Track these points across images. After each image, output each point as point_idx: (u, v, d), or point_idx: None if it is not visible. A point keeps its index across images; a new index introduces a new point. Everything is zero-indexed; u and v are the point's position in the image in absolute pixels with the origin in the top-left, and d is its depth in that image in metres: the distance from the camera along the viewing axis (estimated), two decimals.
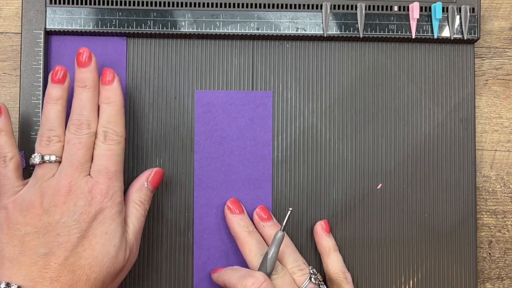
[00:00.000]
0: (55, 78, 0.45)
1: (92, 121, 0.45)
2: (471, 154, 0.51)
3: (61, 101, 0.45)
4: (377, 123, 0.51)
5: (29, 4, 0.49)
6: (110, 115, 0.45)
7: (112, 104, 0.45)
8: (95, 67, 0.46)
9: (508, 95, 0.53)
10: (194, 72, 0.51)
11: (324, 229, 0.49)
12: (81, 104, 0.45)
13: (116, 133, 0.45)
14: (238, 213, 0.48)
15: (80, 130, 0.44)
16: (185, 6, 0.50)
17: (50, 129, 0.45)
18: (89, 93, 0.45)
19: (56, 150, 0.44)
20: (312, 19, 0.50)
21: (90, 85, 0.45)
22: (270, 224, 0.48)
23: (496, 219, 0.52)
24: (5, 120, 0.45)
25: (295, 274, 0.47)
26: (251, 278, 0.43)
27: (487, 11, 0.53)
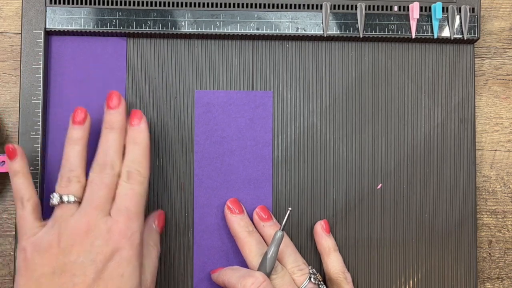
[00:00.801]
0: (76, 120, 0.46)
1: (116, 163, 0.44)
2: (471, 154, 0.51)
3: (82, 141, 0.45)
4: (377, 123, 0.51)
5: (29, 4, 0.49)
6: (135, 155, 0.45)
7: (138, 145, 0.45)
8: (124, 110, 0.46)
9: (508, 95, 0.53)
10: (194, 72, 0.51)
11: (324, 229, 0.49)
12: (107, 145, 0.45)
13: (139, 174, 0.44)
14: (238, 213, 0.48)
15: (104, 171, 0.44)
16: (185, 6, 0.50)
17: (70, 170, 0.44)
18: (116, 134, 0.45)
19: (76, 190, 0.44)
20: (312, 19, 0.50)
21: (118, 126, 0.46)
22: (270, 224, 0.48)
23: (496, 219, 0.52)
24: (22, 161, 0.45)
25: (295, 274, 0.47)
26: (251, 278, 0.43)
27: (487, 11, 0.53)
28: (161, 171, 0.50)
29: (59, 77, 0.50)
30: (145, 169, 0.45)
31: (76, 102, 0.50)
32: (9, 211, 0.50)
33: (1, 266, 0.50)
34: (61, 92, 0.50)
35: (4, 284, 0.50)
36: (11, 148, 0.45)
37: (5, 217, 0.50)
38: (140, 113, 0.47)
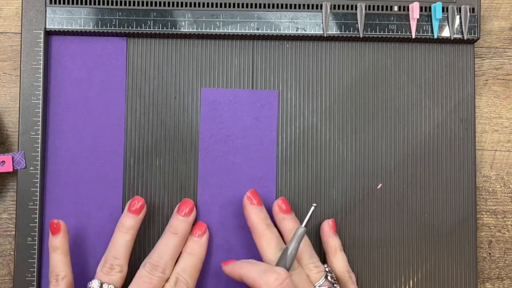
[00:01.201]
0: (131, 208, 0.47)
1: (168, 268, 0.45)
2: (471, 154, 0.51)
3: (132, 232, 0.46)
4: (377, 123, 0.51)
5: (29, 4, 0.49)
6: (187, 265, 0.46)
7: (194, 257, 0.46)
8: (192, 220, 0.48)
9: (508, 95, 0.53)
10: (194, 72, 0.51)
11: (331, 228, 0.49)
12: (165, 249, 0.46)
13: (187, 284, 0.45)
14: (257, 204, 0.48)
15: (154, 272, 0.45)
16: (185, 6, 0.50)
17: (115, 257, 0.45)
18: (177, 241, 0.46)
19: (116, 280, 0.45)
20: (312, 19, 0.50)
21: (181, 234, 0.47)
22: (290, 217, 0.48)
23: (496, 219, 0.52)
24: (63, 238, 0.46)
25: (311, 271, 0.46)
26: (274, 273, 0.42)
27: (487, 11, 0.53)
28: (161, 170, 0.50)
29: (59, 77, 0.50)
30: (193, 281, 0.46)
31: (76, 102, 0.50)
32: (9, 211, 0.50)
33: (1, 266, 0.50)
34: (61, 92, 0.50)
35: (4, 284, 0.50)
36: (55, 224, 0.46)
37: (5, 217, 0.50)
38: (205, 227, 0.48)
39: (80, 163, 0.49)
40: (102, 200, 0.49)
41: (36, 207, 0.48)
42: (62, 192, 0.49)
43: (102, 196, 0.49)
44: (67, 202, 0.49)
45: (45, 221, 0.49)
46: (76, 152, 0.49)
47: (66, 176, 0.49)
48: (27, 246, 0.48)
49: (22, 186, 0.48)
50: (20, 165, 0.48)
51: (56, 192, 0.49)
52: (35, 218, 0.48)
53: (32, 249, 0.48)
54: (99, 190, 0.49)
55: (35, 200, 0.48)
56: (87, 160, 0.49)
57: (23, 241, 0.48)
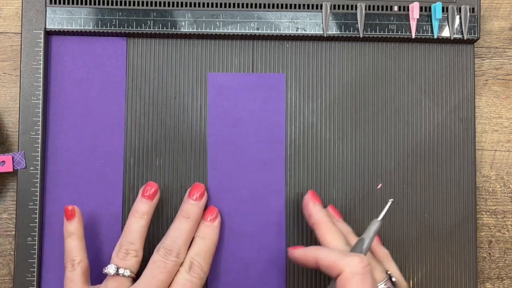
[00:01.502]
0: (145, 194, 0.47)
1: (182, 252, 0.45)
2: (471, 154, 0.51)
3: (146, 217, 0.46)
4: (377, 123, 0.51)
5: (29, 4, 0.49)
6: (201, 250, 0.46)
7: (207, 241, 0.47)
8: (203, 204, 0.48)
9: (508, 95, 0.53)
10: (194, 72, 0.51)
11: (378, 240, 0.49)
12: (178, 233, 0.46)
13: (201, 268, 0.45)
14: (319, 204, 0.48)
15: (168, 256, 0.45)
16: (185, 6, 0.50)
17: (130, 242, 0.45)
18: (190, 225, 0.46)
19: (132, 265, 0.45)
20: (312, 19, 0.50)
21: (193, 218, 0.47)
22: (341, 221, 0.48)
23: (496, 219, 0.52)
24: (78, 224, 0.46)
25: (375, 270, 0.45)
26: (358, 257, 0.41)
27: (487, 11, 0.53)
28: (161, 170, 0.50)
29: (59, 77, 0.50)
30: (207, 265, 0.46)
31: (76, 102, 0.50)
32: (9, 211, 0.50)
33: (1, 266, 0.50)
34: (61, 92, 0.50)
35: (4, 284, 0.50)
36: (70, 209, 0.46)
37: (5, 217, 0.50)
38: (216, 212, 0.48)
39: (80, 163, 0.49)
40: (102, 200, 0.49)
41: (36, 207, 0.48)
42: (62, 192, 0.49)
43: (102, 196, 0.49)
44: (67, 202, 0.49)
45: (45, 221, 0.49)
46: (76, 152, 0.49)
47: (66, 176, 0.49)
48: (27, 246, 0.48)
49: (22, 186, 0.48)
50: (20, 165, 0.48)
51: (56, 192, 0.49)
52: (35, 218, 0.48)
53: (32, 249, 0.48)
54: (99, 190, 0.49)
55: (35, 200, 0.48)
56: (87, 160, 0.49)
57: (23, 241, 0.48)
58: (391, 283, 0.45)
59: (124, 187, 0.49)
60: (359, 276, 0.40)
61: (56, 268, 0.49)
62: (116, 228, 0.49)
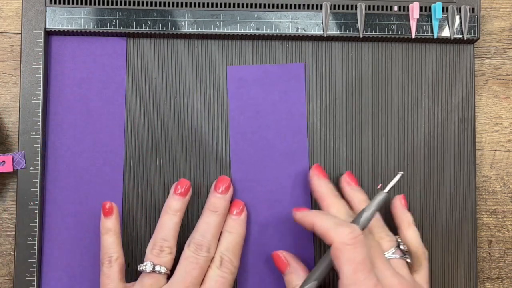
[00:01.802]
0: (177, 191, 0.47)
1: (212, 246, 0.46)
2: (471, 154, 0.51)
3: (179, 213, 0.46)
4: (377, 123, 0.51)
5: (29, 4, 0.49)
6: (230, 244, 0.46)
7: (235, 235, 0.47)
8: (230, 197, 0.48)
9: (508, 95, 0.53)
10: (194, 72, 0.51)
11: (403, 204, 0.49)
12: (207, 227, 0.46)
13: (231, 263, 0.46)
14: (324, 178, 0.48)
15: (199, 251, 0.45)
16: (185, 6, 0.50)
17: (164, 239, 0.45)
18: (218, 219, 0.47)
19: (166, 261, 0.45)
20: (312, 19, 0.50)
21: (221, 212, 0.47)
22: (358, 189, 0.48)
23: (496, 219, 0.52)
24: (115, 220, 0.46)
25: (384, 239, 0.45)
26: (348, 227, 0.41)
27: (487, 11, 0.53)
28: (161, 171, 0.50)
29: (59, 77, 0.50)
30: (237, 259, 0.46)
31: (76, 102, 0.50)
32: (9, 211, 0.50)
33: (1, 266, 0.50)
34: (61, 92, 0.50)
35: (4, 284, 0.50)
36: (108, 206, 0.47)
37: (5, 217, 0.50)
38: (243, 205, 0.48)
39: (80, 163, 0.49)
40: (102, 200, 0.49)
41: (36, 207, 0.48)
42: (62, 192, 0.49)
43: (102, 196, 0.49)
44: (67, 202, 0.49)
45: (45, 221, 0.49)
46: (76, 152, 0.49)
47: (66, 176, 0.49)
48: (27, 246, 0.48)
49: (22, 186, 0.48)
50: (20, 165, 0.48)
51: (56, 192, 0.49)
52: (35, 218, 0.48)
53: (32, 249, 0.48)
54: (99, 190, 0.49)
55: (35, 200, 0.48)
56: (87, 160, 0.49)
57: (23, 241, 0.48)
58: (401, 252, 0.45)
59: (124, 187, 0.49)
60: (349, 247, 0.40)
61: (56, 268, 0.49)
62: None
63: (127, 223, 0.49)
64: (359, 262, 0.40)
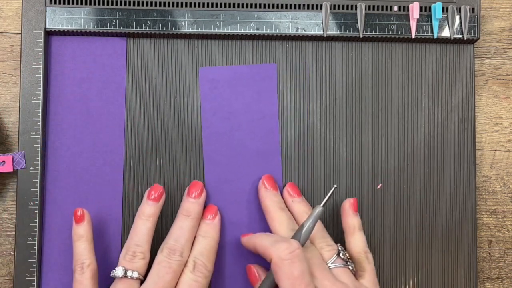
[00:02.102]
0: (150, 197, 0.47)
1: (186, 251, 0.46)
2: (471, 154, 0.51)
3: (152, 219, 0.46)
4: (377, 123, 0.51)
5: (29, 4, 0.49)
6: (203, 249, 0.46)
7: (208, 239, 0.47)
8: (203, 201, 0.48)
9: (508, 95, 0.53)
10: (194, 72, 0.51)
11: (352, 207, 0.49)
12: (180, 232, 0.46)
13: (205, 267, 0.46)
14: (271, 189, 0.48)
15: (172, 256, 0.45)
16: (185, 6, 0.50)
17: (137, 244, 0.45)
18: (191, 223, 0.47)
19: (139, 267, 0.45)
20: (312, 19, 0.50)
21: (194, 216, 0.47)
22: (300, 200, 0.49)
23: (496, 219, 0.52)
24: (87, 226, 0.46)
25: (324, 249, 0.46)
26: (285, 243, 0.42)
27: (487, 11, 0.53)
28: (161, 170, 0.50)
29: (59, 77, 0.50)
30: (211, 263, 0.46)
31: (76, 102, 0.50)
32: (9, 211, 0.50)
33: (1, 266, 0.50)
34: (61, 92, 0.50)
35: (4, 284, 0.50)
36: (80, 213, 0.46)
37: (5, 217, 0.50)
38: (216, 209, 0.48)
39: (80, 163, 0.49)
40: (102, 200, 0.49)
41: (36, 207, 0.48)
42: (62, 192, 0.49)
43: (102, 196, 0.49)
44: (67, 202, 0.49)
45: (45, 221, 0.49)
46: (76, 152, 0.49)
47: (66, 176, 0.49)
48: (27, 246, 0.48)
49: (22, 186, 0.48)
50: (20, 165, 0.48)
51: (56, 192, 0.49)
52: (35, 218, 0.48)
53: (32, 249, 0.48)
54: (99, 190, 0.49)
55: (35, 200, 0.48)
56: (87, 160, 0.49)
57: (23, 241, 0.48)
58: (341, 260, 0.45)
59: (124, 187, 0.49)
60: (286, 262, 0.41)
61: (56, 268, 0.49)
62: (116, 227, 0.49)
63: (127, 223, 0.49)
64: (296, 276, 0.41)
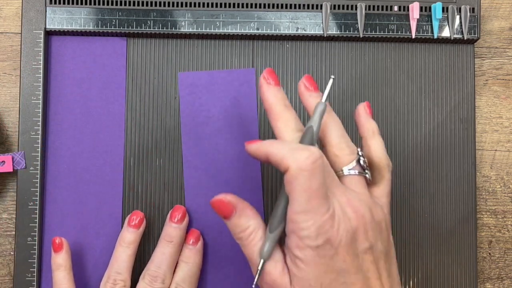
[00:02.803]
0: (131, 223, 0.47)
1: (167, 277, 0.46)
2: (471, 154, 0.51)
3: (133, 246, 0.46)
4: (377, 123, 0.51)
5: (29, 4, 0.49)
6: (186, 275, 0.46)
7: (191, 265, 0.47)
8: (185, 226, 0.48)
9: (508, 95, 0.53)
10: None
11: (367, 111, 0.43)
12: (162, 258, 0.46)
13: None
14: (274, 85, 0.41)
15: (154, 283, 0.45)
16: (185, 6, 0.50)
17: (117, 272, 0.45)
18: (173, 249, 0.46)
19: None
20: (312, 19, 0.50)
21: (176, 242, 0.47)
22: (317, 95, 0.41)
23: (496, 219, 0.52)
24: (66, 255, 0.46)
25: (343, 151, 0.39)
26: (305, 151, 0.36)
27: (487, 11, 0.53)
28: (161, 170, 0.50)
29: (59, 77, 0.50)
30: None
31: (76, 102, 0.50)
32: (9, 211, 0.50)
33: (1, 266, 0.50)
34: (61, 92, 0.50)
35: (4, 284, 0.50)
36: (58, 242, 0.46)
37: (5, 217, 0.50)
38: (198, 234, 0.48)
39: (80, 163, 0.49)
40: (102, 200, 0.49)
41: (36, 207, 0.48)
42: (62, 192, 0.49)
43: (102, 196, 0.49)
44: (67, 202, 0.49)
45: (45, 221, 0.49)
46: (76, 152, 0.49)
47: (66, 176, 0.49)
48: (27, 246, 0.48)
49: (22, 186, 0.48)
50: (20, 165, 0.48)
51: (56, 192, 0.49)
52: (35, 218, 0.48)
53: (32, 249, 0.48)
54: (99, 190, 0.49)
55: (35, 200, 0.48)
56: (87, 160, 0.49)
57: (23, 241, 0.48)
58: (360, 167, 0.40)
59: (124, 187, 0.49)
60: (306, 173, 0.35)
61: None
62: (116, 228, 0.49)
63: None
64: (315, 189, 0.36)
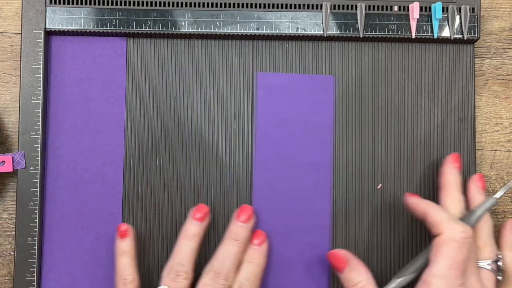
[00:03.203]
0: (196, 216, 0.47)
1: (230, 275, 0.46)
2: (471, 154, 0.51)
3: (197, 238, 0.46)
4: (377, 123, 0.51)
5: (29, 4, 0.49)
6: (249, 274, 0.46)
7: (255, 265, 0.47)
8: (251, 226, 0.48)
9: (508, 95, 0.53)
10: (194, 72, 0.51)
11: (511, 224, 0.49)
12: (227, 256, 0.46)
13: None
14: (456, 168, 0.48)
15: (217, 279, 0.45)
16: (185, 6, 0.50)
17: (180, 264, 0.45)
18: (238, 247, 0.46)
19: (182, 286, 0.45)
20: (312, 19, 0.50)
21: (242, 240, 0.47)
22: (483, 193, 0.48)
23: (496, 219, 0.52)
24: (131, 242, 0.47)
25: (487, 247, 0.46)
26: (462, 226, 0.42)
27: (487, 11, 0.53)
28: (161, 170, 0.50)
29: (59, 77, 0.50)
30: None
31: (76, 102, 0.50)
32: (9, 211, 0.50)
33: (1, 266, 0.50)
34: (61, 92, 0.50)
35: (4, 284, 0.50)
36: (124, 229, 0.47)
37: (5, 217, 0.50)
38: (264, 236, 0.48)
39: (80, 163, 0.49)
40: (102, 200, 0.49)
41: (36, 207, 0.48)
42: (62, 192, 0.49)
43: (102, 196, 0.49)
44: (67, 202, 0.49)
45: (45, 221, 0.49)
46: (76, 152, 0.49)
47: (66, 176, 0.49)
48: (27, 246, 0.48)
49: (22, 186, 0.48)
50: (20, 165, 0.48)
51: (56, 192, 0.49)
52: (35, 218, 0.48)
53: (32, 249, 0.48)
54: (99, 190, 0.49)
55: (35, 200, 0.48)
56: (87, 160, 0.49)
57: (23, 241, 0.48)
58: (496, 267, 0.45)
59: (124, 187, 0.49)
60: (455, 244, 0.42)
61: (56, 268, 0.49)
62: (115, 228, 0.49)
63: (127, 223, 0.49)
64: (458, 261, 0.41)
